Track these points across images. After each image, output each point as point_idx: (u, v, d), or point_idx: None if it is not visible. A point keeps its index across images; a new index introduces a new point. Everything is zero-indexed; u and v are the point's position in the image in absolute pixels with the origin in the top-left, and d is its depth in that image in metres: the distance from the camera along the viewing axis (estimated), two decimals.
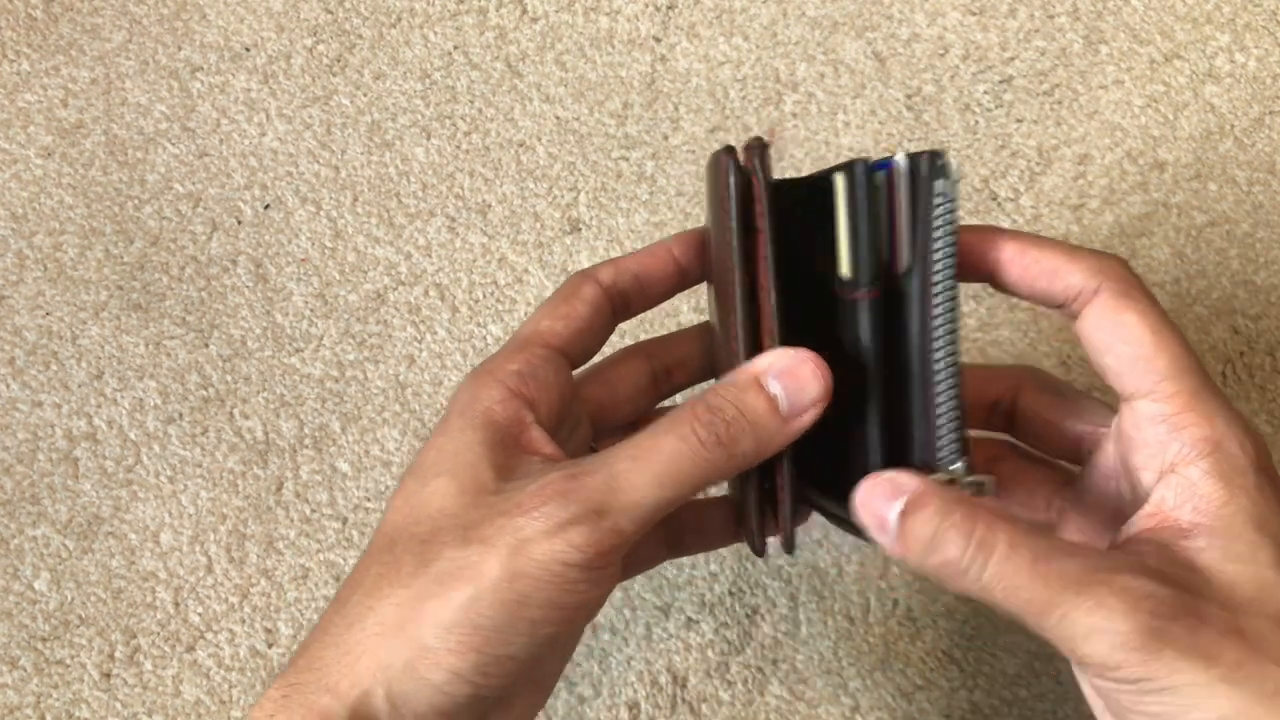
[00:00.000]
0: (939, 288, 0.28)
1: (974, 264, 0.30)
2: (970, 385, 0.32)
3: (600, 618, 0.46)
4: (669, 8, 0.54)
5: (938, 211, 0.28)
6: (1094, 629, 0.25)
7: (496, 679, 0.27)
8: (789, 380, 0.28)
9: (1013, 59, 0.52)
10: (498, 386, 0.30)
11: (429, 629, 0.27)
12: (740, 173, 0.29)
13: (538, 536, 0.27)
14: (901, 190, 0.28)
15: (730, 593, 0.46)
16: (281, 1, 0.55)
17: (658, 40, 0.53)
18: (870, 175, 0.28)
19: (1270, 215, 0.49)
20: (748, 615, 0.46)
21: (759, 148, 0.29)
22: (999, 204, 0.50)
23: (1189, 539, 0.27)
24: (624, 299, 0.33)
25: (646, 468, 0.28)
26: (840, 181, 0.28)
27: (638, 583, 0.46)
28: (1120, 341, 0.28)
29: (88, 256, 0.52)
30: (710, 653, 0.46)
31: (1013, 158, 0.50)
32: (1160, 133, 0.50)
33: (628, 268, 0.33)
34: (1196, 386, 0.28)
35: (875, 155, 0.51)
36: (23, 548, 0.48)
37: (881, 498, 0.27)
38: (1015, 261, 0.30)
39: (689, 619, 0.46)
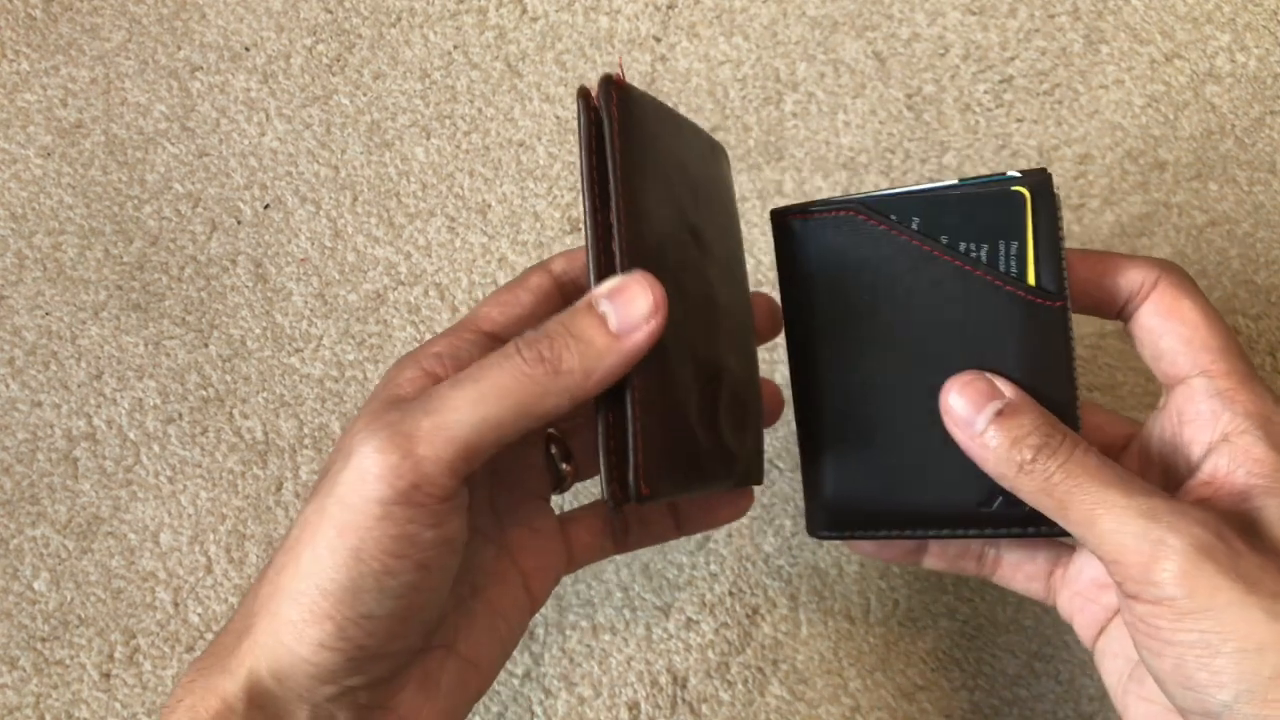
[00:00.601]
0: (1069, 299, 0.31)
1: None
2: None
3: (600, 617, 0.46)
4: (669, 8, 0.54)
5: (1061, 230, 0.31)
6: (1144, 534, 0.26)
7: (364, 639, 0.27)
8: (618, 297, 0.27)
9: (1013, 59, 0.52)
10: (414, 367, 0.30)
11: (286, 602, 0.27)
12: (590, 111, 0.29)
13: (353, 478, 0.26)
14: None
15: (730, 593, 0.46)
16: (281, 1, 0.55)
17: (658, 40, 0.53)
18: (1048, 187, 0.31)
19: (1271, 215, 0.49)
20: (748, 615, 0.46)
21: (606, 87, 0.29)
22: None
23: (1243, 501, 0.28)
24: (576, 287, 0.33)
25: (467, 389, 0.27)
26: (1024, 192, 0.31)
27: (638, 582, 0.46)
28: (1179, 323, 0.31)
29: (87, 256, 0.52)
30: (710, 653, 0.46)
31: (1013, 158, 0.50)
32: (1161, 132, 0.50)
33: (579, 257, 0.33)
34: (1246, 370, 0.30)
35: (877, 154, 0.51)
36: (23, 548, 0.48)
37: (980, 394, 0.30)
38: (1083, 262, 0.32)
39: (689, 619, 0.46)
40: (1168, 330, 0.31)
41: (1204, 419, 0.30)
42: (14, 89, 0.54)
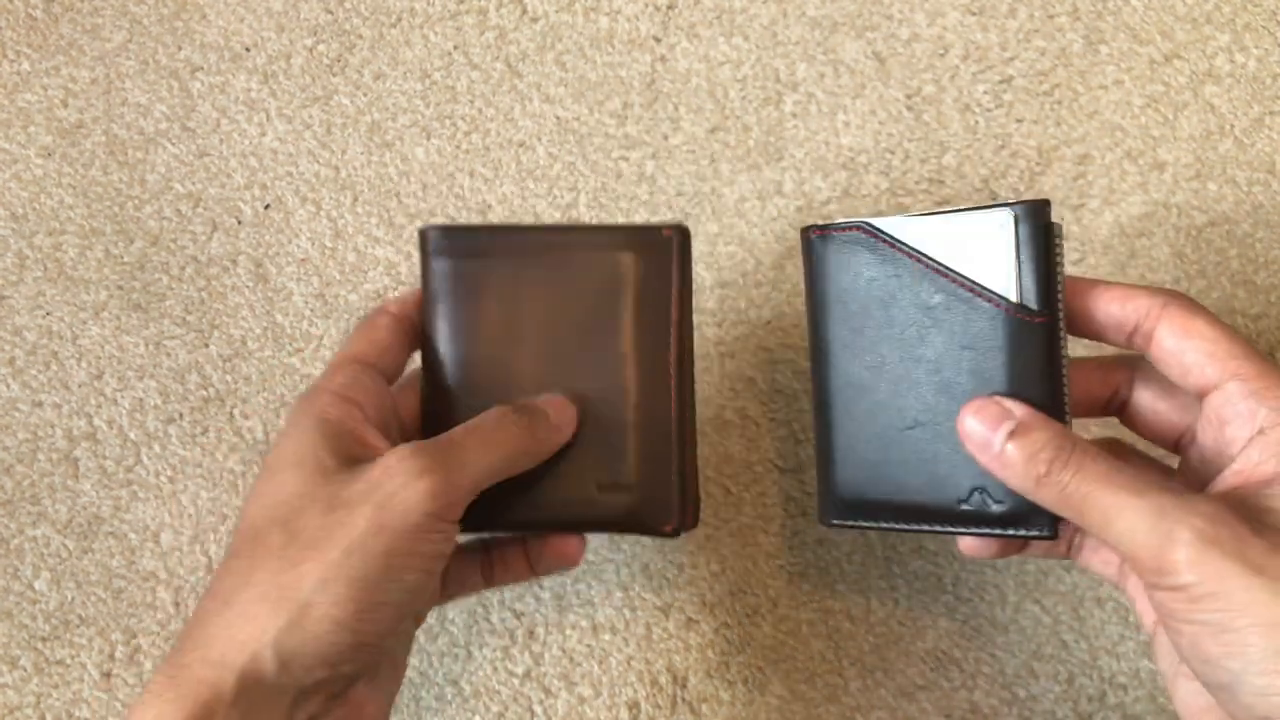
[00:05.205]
0: (1062, 322, 0.34)
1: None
2: (1091, 376, 0.37)
3: (600, 617, 0.46)
4: (669, 8, 0.54)
5: (1059, 256, 0.34)
6: (1154, 529, 0.29)
7: (374, 626, 0.31)
8: (555, 407, 0.37)
9: (1013, 59, 0.52)
10: (327, 395, 0.35)
11: (308, 586, 0.30)
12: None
13: (398, 490, 0.32)
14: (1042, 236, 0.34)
15: (730, 593, 0.46)
16: (281, 1, 0.55)
17: (658, 40, 0.53)
18: (1040, 213, 0.33)
19: (1270, 215, 0.49)
20: (748, 615, 0.46)
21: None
22: None
23: (1266, 487, 0.30)
24: (412, 323, 0.39)
25: (478, 439, 0.34)
26: (1010, 218, 0.33)
27: (638, 582, 0.46)
28: (1199, 339, 0.33)
29: (88, 256, 0.52)
30: (710, 653, 0.46)
31: (1013, 158, 0.50)
32: (1160, 133, 0.50)
33: (406, 298, 0.39)
34: (1275, 371, 0.32)
35: (877, 154, 0.51)
36: (23, 548, 0.48)
37: (993, 418, 0.33)
38: (1091, 289, 0.35)
39: (689, 619, 0.46)
40: (1189, 347, 0.33)
41: (1242, 418, 0.32)
42: (14, 89, 0.54)
